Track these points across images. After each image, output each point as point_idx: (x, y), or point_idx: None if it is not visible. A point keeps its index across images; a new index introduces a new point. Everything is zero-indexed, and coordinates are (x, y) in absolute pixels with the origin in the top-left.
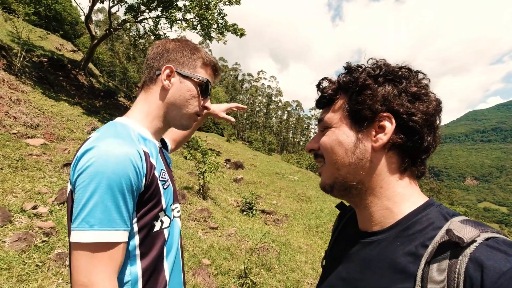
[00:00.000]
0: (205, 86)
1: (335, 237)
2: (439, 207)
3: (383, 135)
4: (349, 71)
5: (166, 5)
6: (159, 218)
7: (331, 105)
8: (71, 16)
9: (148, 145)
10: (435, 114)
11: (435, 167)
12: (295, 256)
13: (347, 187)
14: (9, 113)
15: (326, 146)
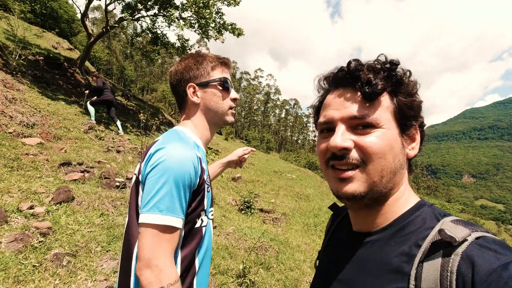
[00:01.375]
0: (223, 83)
1: (328, 238)
2: (430, 207)
3: (416, 144)
4: (393, 65)
5: (163, 3)
6: (201, 217)
7: (374, 100)
8: (67, 13)
9: (200, 152)
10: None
11: (432, 165)
12: (294, 255)
13: (381, 195)
14: (4, 112)
15: (377, 149)
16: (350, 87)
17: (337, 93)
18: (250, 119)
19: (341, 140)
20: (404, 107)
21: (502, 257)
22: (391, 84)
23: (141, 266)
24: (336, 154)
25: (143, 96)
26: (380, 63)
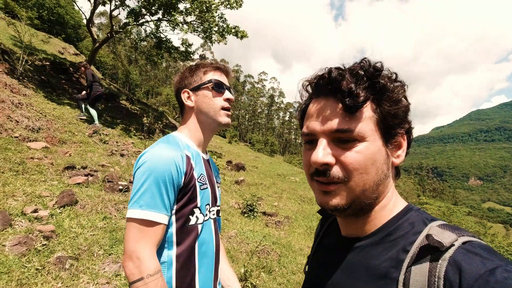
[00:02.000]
0: (214, 84)
1: (317, 243)
2: (418, 211)
3: (402, 151)
4: (376, 71)
5: (167, 8)
6: (195, 214)
7: (356, 112)
8: (73, 19)
9: (193, 153)
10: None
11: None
12: (296, 259)
13: (364, 206)
14: (11, 116)
15: (358, 165)
16: (332, 96)
17: (319, 102)
18: (254, 122)
19: (322, 156)
20: (388, 116)
21: (488, 262)
22: (374, 93)
23: (124, 258)
24: (318, 169)
25: (148, 100)
26: (363, 69)
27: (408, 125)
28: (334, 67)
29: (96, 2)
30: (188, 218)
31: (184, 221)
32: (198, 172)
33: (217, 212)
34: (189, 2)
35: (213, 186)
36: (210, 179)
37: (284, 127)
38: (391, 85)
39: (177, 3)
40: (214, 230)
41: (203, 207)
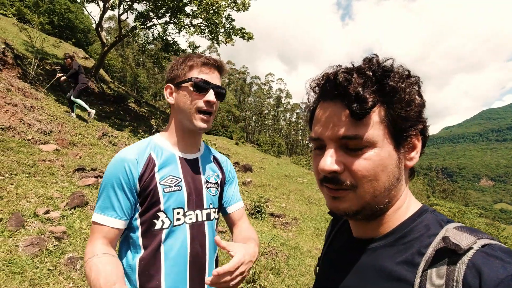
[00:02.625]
0: (194, 83)
1: (328, 244)
2: (433, 213)
3: (415, 153)
4: (385, 71)
5: (174, 11)
6: (159, 218)
7: (364, 118)
8: (83, 24)
9: (162, 154)
10: None
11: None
12: (305, 260)
13: (376, 211)
14: (23, 120)
15: (367, 172)
16: (339, 100)
17: (326, 107)
18: (261, 123)
19: (330, 163)
20: (400, 119)
21: (510, 266)
22: (383, 95)
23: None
24: (327, 176)
25: (155, 102)
26: (371, 69)
27: (423, 125)
28: (342, 69)
29: (105, 6)
30: (153, 222)
31: (149, 225)
32: (164, 174)
33: (206, 215)
34: (196, 5)
35: (195, 189)
36: (189, 181)
37: (291, 128)
38: (402, 85)
39: (184, 6)
40: (191, 236)
41: (170, 211)
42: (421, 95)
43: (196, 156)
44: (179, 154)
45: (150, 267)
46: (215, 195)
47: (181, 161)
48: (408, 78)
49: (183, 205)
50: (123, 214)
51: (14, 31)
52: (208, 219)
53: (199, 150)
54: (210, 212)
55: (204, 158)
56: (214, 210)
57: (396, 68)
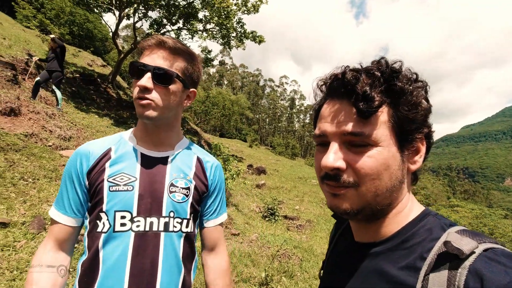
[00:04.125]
0: (129, 69)
1: (331, 248)
2: (435, 216)
3: (419, 157)
4: (394, 72)
5: (187, 17)
6: (102, 219)
7: (370, 117)
8: (101, 33)
9: (121, 148)
10: None
11: (469, 168)
12: (318, 263)
13: (376, 211)
14: (45, 127)
15: (370, 170)
16: (346, 98)
17: (333, 104)
18: (275, 125)
19: (333, 160)
20: (405, 120)
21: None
22: (391, 96)
23: None
24: (329, 173)
25: None
26: (380, 70)
27: (428, 129)
28: (350, 68)
29: (121, 15)
30: (96, 223)
31: (93, 226)
32: (115, 170)
33: (164, 225)
34: (208, 10)
35: (151, 191)
36: (147, 182)
37: (305, 130)
38: (410, 88)
39: (197, 12)
40: (136, 247)
41: (111, 213)
42: (428, 99)
43: (166, 154)
44: (142, 151)
45: (89, 273)
46: (183, 203)
47: (143, 158)
48: (415, 81)
49: (131, 208)
50: (71, 210)
51: (37, 42)
52: (166, 230)
53: (173, 148)
54: (169, 222)
55: (178, 158)
56: (179, 221)
57: (404, 71)
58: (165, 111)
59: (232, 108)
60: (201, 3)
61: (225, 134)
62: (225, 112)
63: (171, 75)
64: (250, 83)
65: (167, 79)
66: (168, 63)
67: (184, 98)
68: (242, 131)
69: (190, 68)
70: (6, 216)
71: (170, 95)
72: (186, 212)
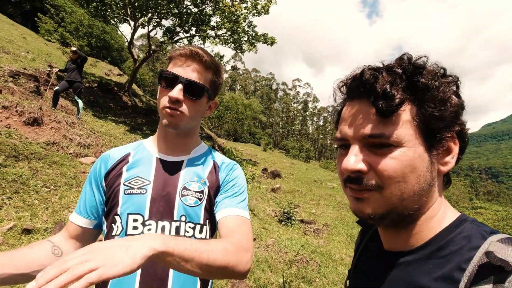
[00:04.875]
0: (159, 77)
1: (358, 256)
2: (473, 223)
3: (451, 158)
4: (417, 68)
5: (199, 24)
6: (116, 223)
7: (390, 116)
8: (117, 43)
9: (139, 153)
10: None
11: (492, 168)
12: (337, 268)
13: (404, 216)
14: (66, 135)
15: (394, 172)
16: (366, 98)
17: (352, 106)
18: (288, 128)
19: (353, 162)
20: (432, 118)
21: None
22: (414, 93)
23: None
24: (350, 176)
25: None
26: (401, 67)
27: (460, 127)
28: (369, 67)
29: (135, 25)
30: (112, 226)
31: (109, 229)
32: (132, 174)
33: (175, 229)
34: (219, 16)
35: (164, 195)
36: (161, 186)
37: (319, 132)
38: (436, 83)
39: (208, 19)
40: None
41: (124, 216)
42: (459, 95)
43: (181, 159)
44: (158, 155)
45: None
46: (195, 207)
47: (158, 162)
48: (443, 76)
49: (143, 211)
50: (85, 211)
51: (57, 55)
52: (177, 235)
53: (189, 153)
54: (180, 226)
55: (194, 162)
56: (192, 226)
57: (429, 66)
58: (190, 122)
59: (245, 112)
60: (212, 9)
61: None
62: (238, 117)
63: (202, 89)
64: (262, 87)
65: (198, 92)
66: (200, 77)
67: (207, 108)
68: (256, 135)
69: (217, 81)
70: (30, 223)
71: (198, 107)
72: (199, 217)
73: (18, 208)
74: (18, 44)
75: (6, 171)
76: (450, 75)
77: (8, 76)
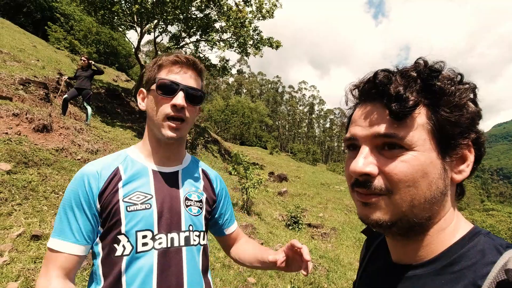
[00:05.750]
0: (158, 85)
1: (363, 268)
2: (488, 236)
3: (466, 166)
4: (433, 72)
5: (205, 29)
6: (120, 242)
7: (404, 119)
8: (124, 49)
9: (130, 167)
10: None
11: (504, 169)
12: (346, 274)
13: (413, 225)
14: (74, 141)
15: (404, 176)
16: (379, 101)
17: (364, 108)
18: (295, 131)
19: (362, 165)
20: (447, 123)
21: None
22: (429, 97)
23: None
24: (359, 179)
25: None
26: (417, 70)
27: (476, 134)
28: (382, 69)
29: (142, 32)
30: (113, 247)
31: (109, 251)
32: (130, 189)
33: (185, 239)
34: (224, 20)
35: (169, 207)
36: (163, 198)
37: (326, 135)
38: (452, 88)
39: (214, 23)
40: (160, 265)
41: (132, 234)
42: (476, 103)
43: (176, 169)
44: (153, 167)
45: None
46: (198, 215)
47: (155, 175)
48: (460, 82)
49: (152, 226)
50: (82, 238)
51: (67, 62)
52: (187, 244)
53: (181, 162)
54: (190, 236)
55: (188, 172)
56: (198, 234)
57: (446, 71)
58: (188, 129)
59: (252, 115)
60: (217, 14)
61: (245, 142)
62: (244, 120)
63: (202, 96)
64: (268, 90)
65: (198, 99)
66: (197, 83)
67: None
68: (262, 138)
69: (204, 85)
70: (39, 229)
71: (196, 113)
72: (202, 225)
73: (28, 214)
74: (28, 53)
75: (16, 178)
76: (467, 82)
77: (19, 84)
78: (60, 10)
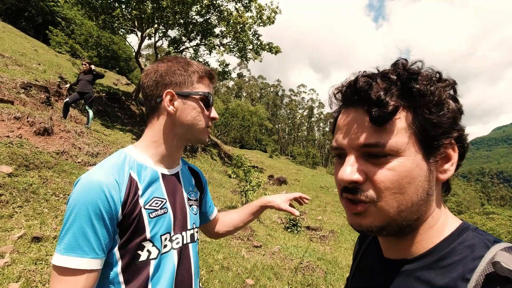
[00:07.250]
0: (207, 98)
1: (356, 264)
2: (476, 231)
3: (450, 165)
4: (411, 74)
5: (204, 33)
6: (145, 248)
7: (385, 124)
8: (125, 53)
9: (143, 173)
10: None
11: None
12: (344, 276)
13: (402, 227)
14: (74, 144)
15: (391, 184)
16: (360, 106)
17: (347, 114)
18: (294, 135)
19: (349, 173)
20: (428, 125)
21: None
22: (409, 99)
23: None
24: (347, 186)
25: None
26: (396, 73)
27: (458, 132)
28: (362, 74)
29: (142, 36)
30: (137, 254)
31: (132, 258)
32: (148, 196)
33: (190, 236)
34: (224, 25)
35: (180, 208)
36: (174, 200)
37: (326, 138)
38: (431, 88)
39: (213, 28)
40: (177, 261)
41: (157, 238)
42: (457, 99)
43: (177, 170)
44: (161, 170)
45: None
46: (197, 214)
47: (163, 178)
48: (439, 81)
49: (170, 229)
50: (101, 251)
51: (67, 66)
52: (192, 241)
53: (179, 163)
54: (193, 233)
55: (184, 172)
56: (197, 230)
57: (425, 71)
58: None
59: (251, 119)
60: (217, 19)
61: (245, 145)
62: (244, 123)
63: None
64: (268, 94)
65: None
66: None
67: None
68: (262, 141)
69: None
70: (39, 231)
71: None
72: (198, 221)
73: (28, 216)
74: (30, 57)
75: (17, 180)
76: (446, 79)
77: (20, 88)
78: (61, 14)
